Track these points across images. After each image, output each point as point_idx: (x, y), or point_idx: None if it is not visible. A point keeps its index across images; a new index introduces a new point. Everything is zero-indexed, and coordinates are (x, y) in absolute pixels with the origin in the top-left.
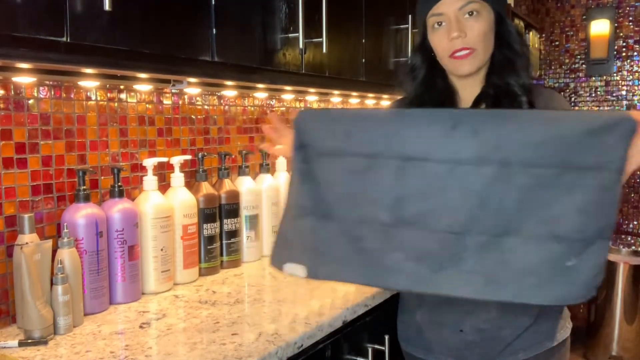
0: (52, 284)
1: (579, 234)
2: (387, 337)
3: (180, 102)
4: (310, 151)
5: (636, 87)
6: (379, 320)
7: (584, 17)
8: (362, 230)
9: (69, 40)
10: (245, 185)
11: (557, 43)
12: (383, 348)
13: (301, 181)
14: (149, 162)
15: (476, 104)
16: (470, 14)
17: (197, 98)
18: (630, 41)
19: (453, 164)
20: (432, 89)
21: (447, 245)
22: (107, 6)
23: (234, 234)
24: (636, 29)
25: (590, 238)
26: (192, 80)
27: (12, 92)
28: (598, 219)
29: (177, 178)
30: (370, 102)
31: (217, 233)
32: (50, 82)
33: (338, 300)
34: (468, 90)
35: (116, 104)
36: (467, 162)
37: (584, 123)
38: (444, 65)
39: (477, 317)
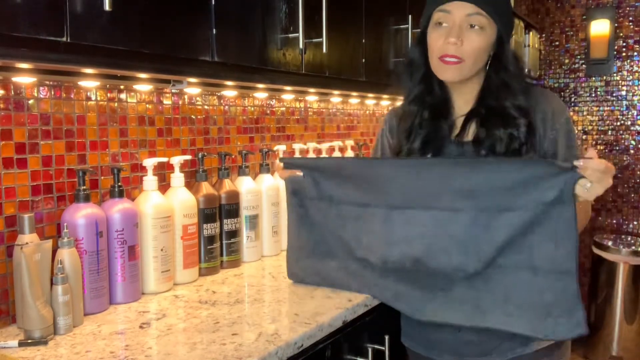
0: (52, 284)
1: (551, 263)
2: (387, 337)
3: (180, 102)
4: (303, 197)
5: (636, 87)
6: (379, 320)
7: (584, 17)
8: (359, 268)
9: (69, 40)
10: (245, 185)
11: (557, 43)
12: (383, 348)
13: (299, 224)
14: (149, 162)
15: (467, 121)
16: (475, 25)
17: (197, 98)
18: (630, 41)
19: (433, 211)
20: (429, 91)
21: (437, 281)
22: (107, 6)
23: (234, 234)
24: (636, 29)
25: (560, 271)
26: (192, 80)
27: (12, 92)
28: (565, 247)
29: (177, 178)
30: (370, 102)
31: (217, 233)
32: (50, 82)
33: (338, 300)
34: (462, 98)
35: (116, 104)
36: (446, 209)
37: (540, 169)
38: (431, 64)
39: None
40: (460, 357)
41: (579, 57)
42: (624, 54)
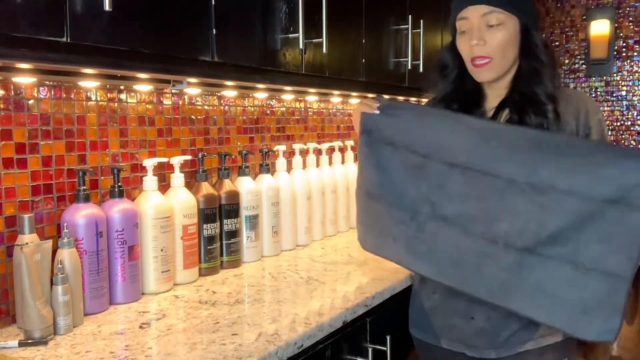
0: (52, 284)
1: (595, 263)
2: (388, 337)
3: (180, 103)
4: (374, 137)
5: (636, 87)
6: (379, 320)
7: (584, 17)
8: (405, 216)
9: (69, 40)
10: (245, 185)
11: (557, 43)
12: (384, 348)
13: (362, 163)
14: (149, 163)
15: (500, 108)
16: (493, 23)
17: (197, 98)
18: (630, 41)
19: (492, 177)
20: (461, 88)
21: (476, 248)
22: (107, 6)
23: (234, 234)
24: (636, 29)
25: (607, 272)
26: (192, 80)
27: (12, 92)
28: (618, 253)
29: (177, 178)
30: None
31: (217, 233)
32: (50, 82)
33: (338, 300)
34: (495, 92)
35: (116, 104)
36: (504, 178)
37: (611, 157)
38: (468, 69)
39: (487, 304)
40: (468, 348)
41: (579, 57)
42: (624, 54)
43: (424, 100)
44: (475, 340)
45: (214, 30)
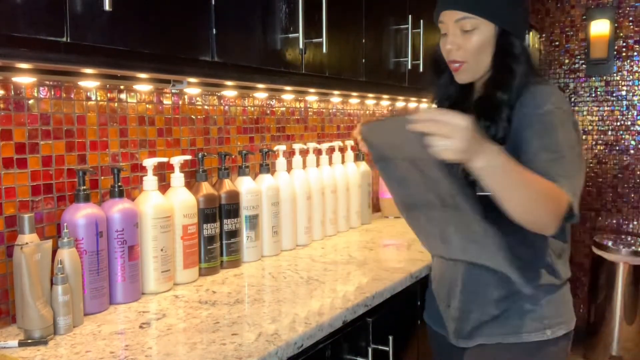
0: (52, 284)
1: (466, 203)
2: (391, 338)
3: (180, 102)
4: (384, 162)
5: (636, 87)
6: (379, 320)
7: (584, 17)
8: (434, 213)
9: (69, 40)
10: (245, 185)
11: (557, 43)
12: (387, 349)
13: (387, 184)
14: (149, 162)
15: (469, 112)
16: (467, 29)
17: (197, 98)
18: (630, 41)
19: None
20: (452, 86)
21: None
22: (107, 6)
23: (234, 234)
24: (636, 29)
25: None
26: (192, 80)
27: (12, 92)
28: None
29: (177, 178)
30: (370, 102)
31: (217, 233)
32: (50, 82)
33: (338, 300)
34: (479, 91)
35: (116, 104)
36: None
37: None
38: None
39: (455, 295)
40: (449, 333)
41: (579, 57)
42: (624, 54)
43: (424, 100)
44: (452, 326)
45: (214, 30)
